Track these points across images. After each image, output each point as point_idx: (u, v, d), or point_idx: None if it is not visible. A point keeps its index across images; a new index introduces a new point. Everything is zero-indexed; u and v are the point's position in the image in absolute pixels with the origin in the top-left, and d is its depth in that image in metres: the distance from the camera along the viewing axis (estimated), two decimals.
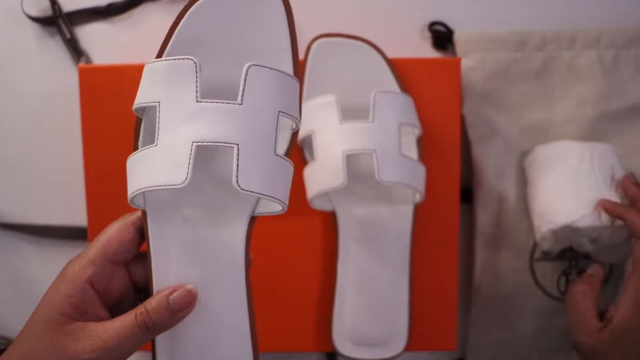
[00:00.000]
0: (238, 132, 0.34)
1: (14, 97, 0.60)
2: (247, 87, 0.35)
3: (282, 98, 0.36)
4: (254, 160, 0.34)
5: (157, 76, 0.36)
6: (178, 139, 0.34)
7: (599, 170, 0.55)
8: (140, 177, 0.35)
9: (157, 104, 0.35)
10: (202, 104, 0.34)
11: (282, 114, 0.36)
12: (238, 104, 0.34)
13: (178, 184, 0.34)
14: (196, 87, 0.35)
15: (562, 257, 0.60)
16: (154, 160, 0.35)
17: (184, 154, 0.34)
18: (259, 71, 0.35)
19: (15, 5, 0.59)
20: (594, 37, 0.59)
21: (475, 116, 0.59)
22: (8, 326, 0.62)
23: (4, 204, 0.61)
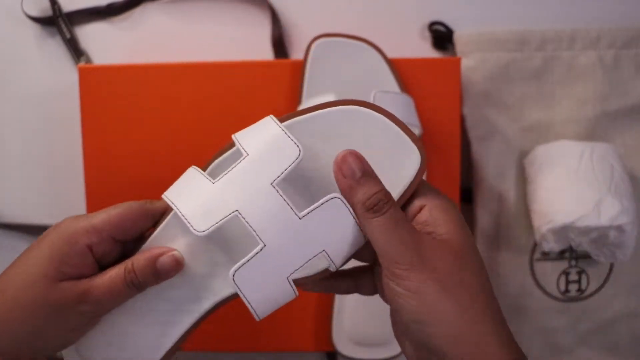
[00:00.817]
0: (275, 237, 0.34)
1: (14, 97, 0.60)
2: (317, 211, 0.34)
3: (337, 243, 0.35)
4: (264, 269, 0.34)
5: (266, 136, 0.35)
6: (230, 196, 0.34)
7: (599, 169, 0.55)
8: (183, 195, 0.36)
9: (244, 154, 0.35)
10: (273, 191, 0.34)
11: (324, 255, 0.35)
12: (298, 217, 0.34)
13: (196, 230, 0.34)
14: (282, 173, 0.34)
15: (562, 257, 0.60)
16: (200, 194, 0.35)
17: (221, 212, 0.34)
18: (339, 209, 0.34)
19: (15, 5, 0.59)
20: (594, 37, 0.59)
21: (475, 116, 0.59)
22: None
23: (4, 204, 0.61)
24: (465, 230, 0.35)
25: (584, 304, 0.60)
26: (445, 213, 0.35)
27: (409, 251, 0.33)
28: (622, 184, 0.55)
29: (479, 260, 0.35)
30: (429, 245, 0.34)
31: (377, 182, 0.35)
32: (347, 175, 0.34)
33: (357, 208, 0.35)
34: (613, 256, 0.56)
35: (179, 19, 0.60)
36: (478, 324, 0.33)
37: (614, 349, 0.61)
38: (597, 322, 0.61)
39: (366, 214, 0.34)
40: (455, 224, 0.35)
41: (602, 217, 0.53)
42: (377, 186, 0.35)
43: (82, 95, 0.55)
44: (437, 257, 0.34)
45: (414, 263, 0.33)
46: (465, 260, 0.34)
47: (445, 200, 0.36)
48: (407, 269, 0.33)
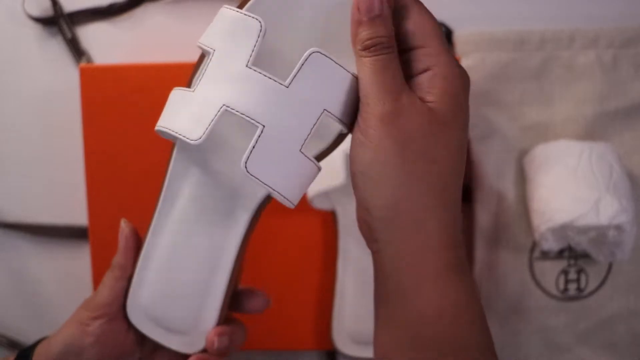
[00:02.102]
0: (271, 114, 0.32)
1: (15, 96, 0.60)
2: (301, 72, 0.32)
3: (335, 97, 0.33)
4: (273, 149, 0.32)
5: (223, 24, 0.34)
6: (212, 94, 0.33)
7: (598, 169, 0.55)
8: (169, 116, 0.35)
9: (211, 51, 0.34)
10: (250, 72, 0.32)
11: (326, 113, 0.33)
12: (284, 86, 0.32)
13: (191, 140, 0.32)
14: (252, 52, 0.32)
15: (561, 256, 0.60)
16: (184, 106, 0.34)
17: (209, 112, 0.32)
18: (321, 60, 0.33)
19: (16, 5, 0.59)
20: (593, 37, 0.59)
21: (474, 116, 0.59)
22: (8, 325, 0.62)
23: (4, 203, 0.62)
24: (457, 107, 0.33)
25: (583, 303, 0.60)
26: (444, 82, 0.33)
27: (386, 99, 0.32)
28: (621, 183, 0.55)
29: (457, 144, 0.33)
30: (409, 104, 0.32)
31: (386, 27, 0.33)
32: (362, 10, 0.32)
33: (357, 45, 0.33)
34: (612, 255, 0.57)
35: (180, 19, 0.60)
36: (423, 198, 0.31)
37: (613, 347, 0.61)
38: (596, 321, 0.61)
39: (361, 52, 0.33)
40: (448, 97, 0.33)
41: (601, 216, 0.53)
42: (384, 31, 0.32)
43: (83, 95, 0.56)
44: (410, 115, 0.32)
45: (385, 114, 0.32)
46: (438, 134, 0.32)
47: (453, 68, 0.33)
48: (377, 118, 0.32)
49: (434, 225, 0.31)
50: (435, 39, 0.33)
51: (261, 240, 0.57)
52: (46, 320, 0.63)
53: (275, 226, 0.57)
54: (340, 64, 0.33)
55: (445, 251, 0.32)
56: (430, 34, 0.33)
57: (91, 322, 0.39)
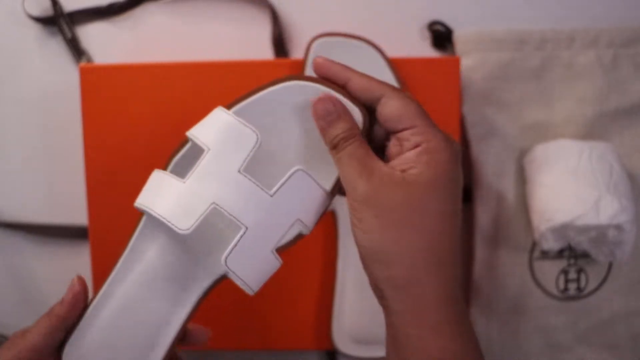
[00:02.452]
0: (254, 219, 0.36)
1: (14, 96, 0.60)
2: (285, 186, 0.37)
3: (308, 208, 0.38)
4: (251, 248, 0.37)
5: (221, 128, 0.38)
6: (204, 191, 0.36)
7: (598, 169, 0.55)
8: (155, 199, 0.37)
9: (206, 149, 0.37)
10: (241, 177, 0.37)
11: (298, 222, 0.38)
12: (269, 195, 0.37)
13: (181, 229, 0.36)
14: (245, 160, 0.37)
15: (561, 255, 0.60)
16: (173, 194, 0.37)
17: (200, 207, 0.36)
18: (303, 179, 0.38)
19: (16, 5, 0.59)
20: (593, 37, 0.59)
21: (474, 115, 0.59)
22: (8, 325, 0.62)
23: (4, 203, 0.62)
24: (441, 176, 0.35)
25: (583, 302, 0.61)
26: (430, 155, 0.35)
27: (359, 182, 0.35)
28: (621, 183, 0.55)
29: (442, 202, 0.35)
30: (383, 180, 0.35)
31: (345, 122, 0.37)
32: (320, 117, 0.37)
33: (327, 145, 0.38)
34: (612, 255, 0.57)
35: (179, 18, 0.60)
36: (415, 261, 0.34)
37: (613, 347, 0.61)
38: (596, 320, 0.61)
39: (332, 152, 0.37)
40: (431, 168, 0.35)
41: (601, 216, 0.53)
42: (344, 126, 0.37)
43: (83, 94, 0.56)
44: (386, 191, 0.35)
45: (361, 195, 0.35)
46: (418, 202, 0.35)
47: (440, 141, 0.36)
48: (356, 201, 0.35)
49: (429, 285, 0.34)
50: (421, 118, 0.37)
51: None
52: None
53: None
54: (318, 182, 0.38)
55: (444, 306, 0.34)
56: (416, 115, 0.36)
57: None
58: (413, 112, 0.36)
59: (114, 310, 0.40)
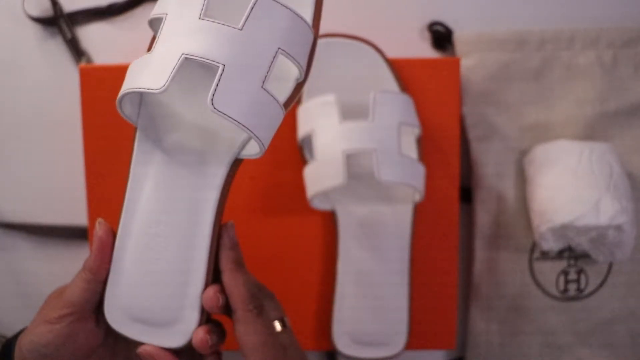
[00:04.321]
0: (228, 54, 0.34)
1: (14, 97, 0.60)
2: (252, 15, 0.34)
3: (287, 37, 0.35)
4: (237, 86, 0.34)
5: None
6: (171, 49, 0.34)
7: (598, 169, 0.55)
8: (130, 78, 0.36)
9: (163, 16, 0.36)
10: (203, 22, 0.34)
11: (281, 52, 0.35)
12: (238, 29, 0.34)
13: (156, 89, 0.33)
14: (203, 5, 0.35)
15: (561, 256, 0.60)
16: (144, 67, 0.35)
17: (170, 63, 0.34)
18: (270, 4, 0.35)
19: (16, 5, 0.59)
20: (593, 37, 0.59)
21: (474, 116, 0.59)
22: (8, 325, 0.62)
23: (4, 203, 0.62)
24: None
25: (583, 303, 0.61)
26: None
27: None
28: (621, 183, 0.55)
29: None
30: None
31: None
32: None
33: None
34: (612, 255, 0.57)
35: None
36: None
37: (613, 348, 0.61)
38: (596, 321, 0.61)
39: None
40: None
41: (601, 217, 0.53)
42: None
43: (83, 95, 0.56)
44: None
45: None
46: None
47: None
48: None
49: None
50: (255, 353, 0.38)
51: (261, 241, 0.57)
52: None
53: (275, 226, 0.57)
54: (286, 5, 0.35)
55: None
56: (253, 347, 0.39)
57: (59, 321, 0.38)
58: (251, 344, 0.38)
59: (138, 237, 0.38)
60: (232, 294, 0.39)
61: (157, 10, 0.37)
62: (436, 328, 0.58)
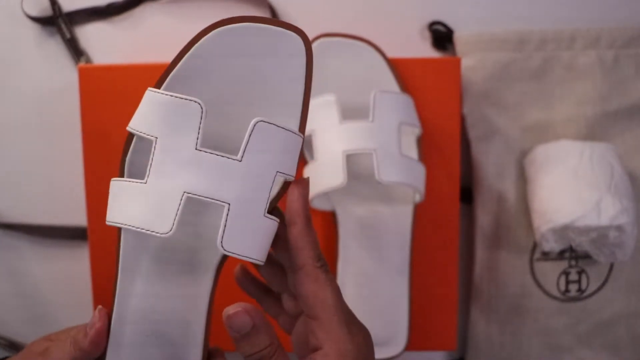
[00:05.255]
0: (232, 191, 0.33)
1: (13, 96, 0.60)
2: (250, 143, 0.33)
3: (284, 157, 0.35)
4: (243, 222, 0.33)
5: (159, 110, 0.34)
6: (169, 184, 0.33)
7: (599, 169, 0.55)
8: (125, 210, 0.34)
9: (153, 139, 0.33)
10: (201, 154, 0.33)
11: (279, 174, 0.35)
12: (237, 160, 0.33)
13: (162, 233, 0.33)
14: (198, 134, 0.33)
15: (562, 257, 0.60)
16: (141, 200, 0.33)
17: (172, 203, 0.33)
18: (266, 128, 0.34)
19: (15, 5, 0.59)
20: (594, 37, 0.59)
21: (475, 116, 0.59)
22: (8, 325, 0.62)
23: (4, 203, 0.61)
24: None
25: (584, 303, 0.60)
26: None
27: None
28: (622, 183, 0.55)
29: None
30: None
31: (262, 337, 0.34)
32: (235, 329, 0.34)
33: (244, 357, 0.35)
34: (613, 256, 0.56)
35: (179, 18, 0.60)
36: None
37: (614, 348, 0.61)
38: (597, 322, 0.61)
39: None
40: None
41: (602, 217, 0.53)
42: (262, 342, 0.34)
43: (82, 95, 0.55)
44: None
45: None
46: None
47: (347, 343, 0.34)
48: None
49: None
50: (325, 310, 0.35)
51: None
52: (45, 321, 0.63)
53: None
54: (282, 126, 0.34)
55: None
56: (320, 305, 0.35)
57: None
58: (322, 302, 0.35)
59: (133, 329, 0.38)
60: (303, 248, 0.36)
61: (141, 128, 0.34)
62: (437, 329, 0.58)
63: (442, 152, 0.57)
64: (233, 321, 0.34)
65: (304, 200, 0.36)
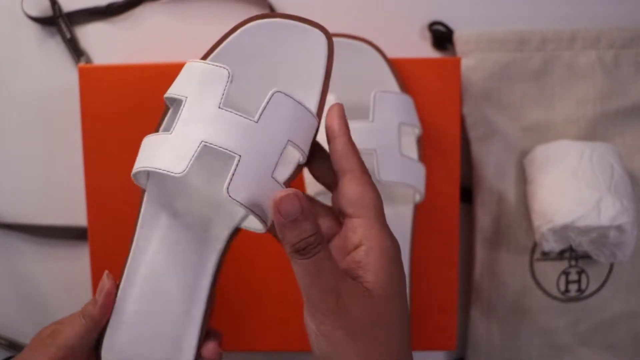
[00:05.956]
0: (244, 146, 0.36)
1: (13, 96, 0.60)
2: (267, 109, 0.37)
3: (296, 129, 0.38)
4: (250, 175, 0.36)
5: (193, 75, 0.39)
6: (191, 134, 0.36)
7: (599, 169, 0.55)
8: (148, 157, 0.38)
9: (184, 99, 0.38)
10: (222, 111, 0.37)
11: (290, 143, 0.38)
12: (254, 121, 0.37)
13: (177, 173, 0.36)
14: (222, 95, 0.37)
15: (562, 257, 0.60)
16: (164, 147, 0.37)
17: (190, 148, 0.36)
18: (283, 99, 0.38)
19: (15, 5, 0.59)
20: (594, 37, 0.59)
21: (475, 116, 0.59)
22: (8, 326, 0.62)
23: (4, 204, 0.61)
24: (394, 280, 0.35)
25: (584, 303, 0.60)
26: (380, 258, 0.35)
27: (328, 299, 0.34)
28: (622, 183, 0.55)
29: (400, 314, 0.35)
30: (350, 293, 0.34)
31: (310, 225, 0.34)
32: (283, 214, 0.34)
33: (286, 247, 0.35)
34: (613, 256, 0.56)
35: (179, 18, 0.60)
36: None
37: (614, 348, 0.61)
38: (597, 322, 0.61)
39: (293, 254, 0.35)
40: (385, 273, 0.35)
41: (602, 217, 0.53)
42: (309, 229, 0.34)
43: (82, 95, 0.55)
44: (354, 306, 0.34)
45: (330, 309, 0.34)
46: (383, 314, 0.35)
47: (387, 240, 0.36)
48: (323, 314, 0.34)
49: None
50: (369, 210, 0.36)
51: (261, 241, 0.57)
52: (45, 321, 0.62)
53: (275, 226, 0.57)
54: (298, 100, 0.38)
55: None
56: (369, 206, 0.36)
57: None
58: (367, 202, 0.36)
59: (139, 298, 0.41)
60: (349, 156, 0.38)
61: (175, 91, 0.39)
62: (437, 329, 0.58)
63: (442, 152, 0.57)
64: (282, 205, 0.34)
65: (341, 120, 0.39)
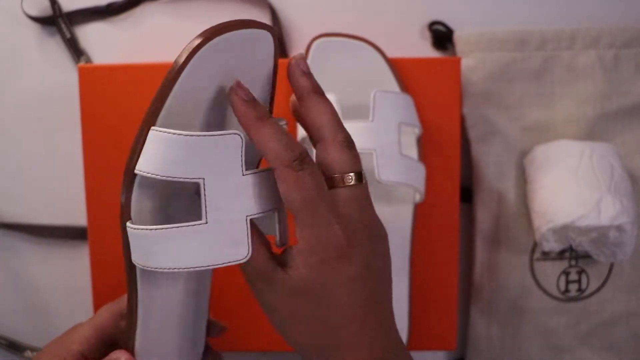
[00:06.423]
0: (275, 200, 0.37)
1: (13, 96, 0.60)
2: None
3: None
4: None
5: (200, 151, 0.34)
6: (230, 215, 0.35)
7: (599, 169, 0.55)
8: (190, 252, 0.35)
9: (200, 181, 0.34)
10: (248, 177, 0.35)
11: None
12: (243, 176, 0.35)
13: (242, 259, 0.35)
14: (241, 162, 0.35)
15: (562, 257, 0.60)
16: (207, 238, 0.34)
17: (242, 230, 0.35)
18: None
19: (15, 5, 0.59)
20: (594, 37, 0.59)
21: (475, 116, 0.59)
22: (8, 326, 0.62)
23: (4, 204, 0.61)
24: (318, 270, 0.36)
25: (584, 303, 0.60)
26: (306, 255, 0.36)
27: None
28: (622, 183, 0.55)
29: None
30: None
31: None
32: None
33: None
34: (613, 256, 0.56)
35: (179, 18, 0.60)
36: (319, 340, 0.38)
37: (614, 348, 0.61)
38: (597, 321, 0.61)
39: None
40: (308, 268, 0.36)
41: (602, 217, 0.53)
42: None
43: (82, 95, 0.55)
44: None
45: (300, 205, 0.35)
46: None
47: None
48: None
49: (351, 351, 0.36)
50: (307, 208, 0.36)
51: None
52: (45, 321, 0.62)
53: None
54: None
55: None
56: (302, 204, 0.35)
57: None
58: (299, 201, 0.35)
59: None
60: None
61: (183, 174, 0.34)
62: (437, 329, 0.58)
63: (442, 152, 0.57)
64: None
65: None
